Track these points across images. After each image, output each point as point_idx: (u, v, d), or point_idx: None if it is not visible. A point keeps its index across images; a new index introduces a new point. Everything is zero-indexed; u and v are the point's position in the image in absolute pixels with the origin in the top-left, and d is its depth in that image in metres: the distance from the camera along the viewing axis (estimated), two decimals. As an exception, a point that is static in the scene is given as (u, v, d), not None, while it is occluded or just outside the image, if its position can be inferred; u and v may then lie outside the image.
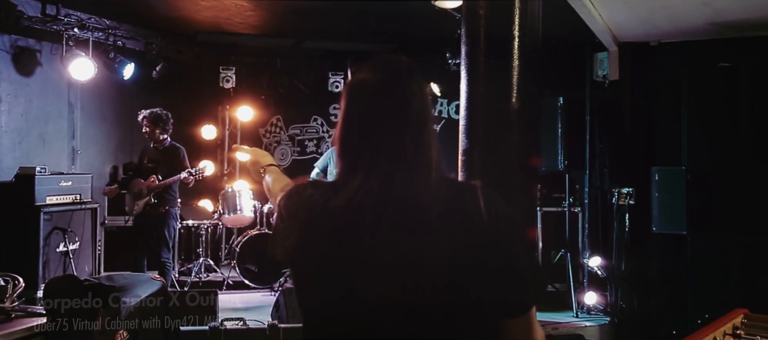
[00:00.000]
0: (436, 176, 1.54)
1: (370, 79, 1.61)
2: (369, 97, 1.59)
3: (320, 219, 1.51)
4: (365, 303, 1.47)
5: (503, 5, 3.32)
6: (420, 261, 1.45)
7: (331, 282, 1.50)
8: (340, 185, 1.54)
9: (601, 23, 5.77)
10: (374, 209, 1.47)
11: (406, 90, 1.59)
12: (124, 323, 3.01)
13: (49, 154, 7.30)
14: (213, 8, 6.67)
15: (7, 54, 6.81)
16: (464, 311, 1.47)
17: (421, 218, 1.47)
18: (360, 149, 1.56)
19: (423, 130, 1.56)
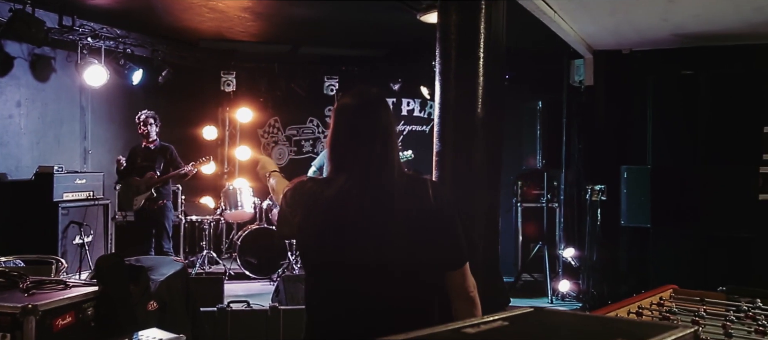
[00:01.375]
0: (398, 172, 2.17)
1: (351, 104, 2.24)
2: (349, 117, 2.22)
3: (318, 204, 2.13)
4: (350, 262, 2.09)
5: (472, 26, 3.87)
6: (387, 232, 2.09)
7: (326, 248, 2.12)
8: (331, 180, 2.17)
9: (573, 35, 6.31)
10: (356, 197, 2.10)
11: (376, 113, 2.22)
12: (153, 296, 3.56)
13: (63, 154, 7.83)
14: (216, 19, 7.20)
15: (25, 61, 7.34)
16: (418, 265, 2.12)
17: (388, 203, 2.11)
18: (344, 155, 2.18)
19: (388, 141, 2.19)
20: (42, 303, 2.97)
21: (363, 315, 2.12)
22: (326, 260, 2.14)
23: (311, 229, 2.14)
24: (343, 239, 2.11)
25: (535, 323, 1.86)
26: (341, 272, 2.12)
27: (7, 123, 7.23)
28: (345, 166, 2.15)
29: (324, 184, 2.17)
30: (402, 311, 2.11)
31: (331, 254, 2.13)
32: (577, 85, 7.51)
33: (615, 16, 5.70)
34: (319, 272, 2.19)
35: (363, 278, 2.09)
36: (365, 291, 2.10)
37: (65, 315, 3.07)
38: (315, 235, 2.15)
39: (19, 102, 7.34)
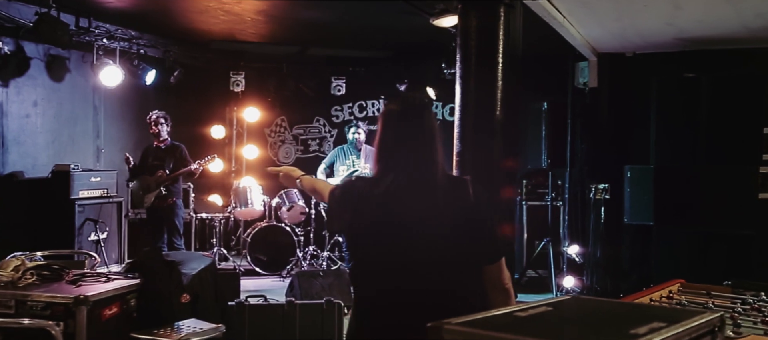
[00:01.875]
0: (441, 173, 2.37)
1: (396, 109, 2.44)
2: (395, 121, 2.40)
3: (367, 202, 2.33)
4: (397, 256, 2.28)
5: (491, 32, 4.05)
6: (431, 228, 2.28)
7: (374, 243, 2.31)
8: (379, 180, 2.36)
9: (579, 38, 6.51)
10: (402, 196, 2.30)
11: (420, 117, 2.40)
12: (186, 289, 3.73)
13: (77, 153, 7.98)
14: (230, 21, 7.37)
15: (41, 62, 7.49)
16: (459, 259, 2.31)
17: (432, 201, 2.31)
18: (390, 156, 2.38)
19: (431, 143, 2.39)
20: (92, 294, 3.14)
21: (408, 305, 2.30)
22: (374, 254, 2.33)
23: (361, 225, 2.34)
24: (391, 235, 2.29)
25: (575, 308, 2.05)
26: (388, 266, 2.30)
27: (25, 122, 7.37)
28: (391, 166, 2.34)
29: (372, 183, 2.36)
30: (445, 301, 2.29)
31: (379, 249, 2.31)
32: (582, 86, 7.71)
33: (621, 22, 5.89)
34: (367, 265, 2.37)
35: (409, 270, 2.28)
36: (411, 283, 2.29)
37: (111, 306, 3.25)
38: (364, 231, 2.34)
39: (35, 102, 7.49)
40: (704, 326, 1.79)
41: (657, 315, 1.87)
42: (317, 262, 8.59)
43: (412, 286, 2.29)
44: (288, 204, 8.68)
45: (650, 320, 1.74)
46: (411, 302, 2.31)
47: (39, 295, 3.15)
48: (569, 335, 1.60)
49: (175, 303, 3.78)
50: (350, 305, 6.37)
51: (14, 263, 3.39)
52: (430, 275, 2.27)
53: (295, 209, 8.70)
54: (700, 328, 1.77)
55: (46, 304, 3.10)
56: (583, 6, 5.20)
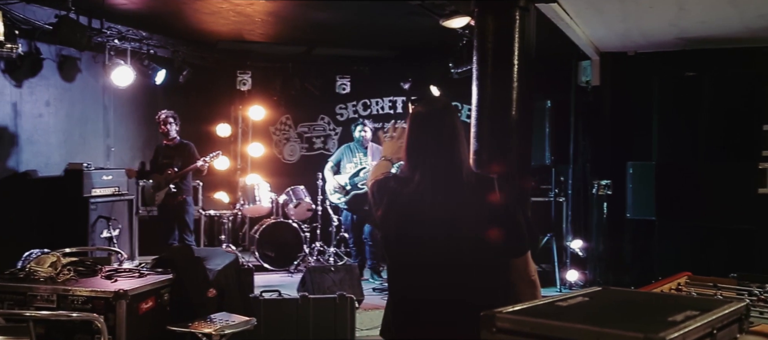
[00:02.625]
0: (466, 171, 2.51)
1: (421, 112, 2.58)
2: (421, 123, 2.54)
3: (399, 199, 2.48)
4: (427, 250, 2.42)
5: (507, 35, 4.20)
6: (458, 223, 2.41)
7: (405, 238, 2.45)
8: (408, 179, 2.51)
9: (584, 38, 6.67)
10: (430, 194, 2.43)
11: (443, 119, 2.54)
12: (213, 284, 3.87)
13: (88, 152, 8.08)
14: (240, 22, 7.49)
15: (54, 62, 7.59)
16: (486, 251, 2.43)
17: (458, 198, 2.44)
18: (418, 157, 2.51)
19: (455, 143, 2.52)
20: (131, 288, 3.28)
21: (439, 297, 2.45)
22: (406, 249, 2.47)
23: (393, 221, 2.49)
24: (419, 232, 2.43)
25: (609, 298, 2.20)
26: (419, 260, 2.45)
27: (38, 122, 7.47)
28: (419, 166, 2.48)
29: (402, 182, 2.51)
30: (473, 295, 2.43)
31: (410, 244, 2.46)
32: (585, 85, 7.88)
33: (627, 23, 6.06)
34: (399, 259, 2.52)
35: (438, 264, 2.42)
36: (440, 276, 2.43)
37: (148, 300, 3.38)
38: (396, 226, 2.48)
39: (48, 101, 7.59)
40: (733, 314, 1.94)
41: (688, 304, 2.01)
42: (324, 258, 8.74)
43: (441, 281, 2.43)
44: (295, 201, 8.83)
45: (684, 309, 1.88)
46: (440, 297, 2.45)
47: (79, 289, 3.28)
48: (612, 321, 1.74)
49: (203, 298, 3.91)
50: (361, 299, 6.55)
51: (51, 259, 3.52)
52: (458, 271, 2.40)
53: (302, 206, 8.85)
54: (731, 316, 1.93)
55: (87, 298, 3.23)
56: (591, 8, 5.36)
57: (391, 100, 9.93)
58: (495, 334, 1.74)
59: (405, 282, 2.53)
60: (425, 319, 2.44)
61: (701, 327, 1.72)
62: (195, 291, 3.57)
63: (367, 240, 8.06)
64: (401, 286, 2.56)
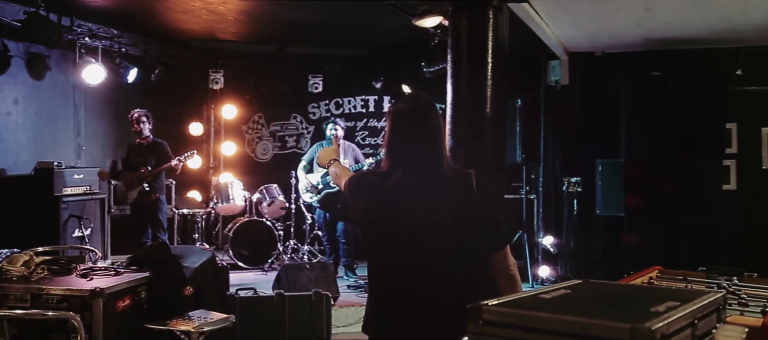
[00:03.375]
0: (446, 166, 2.55)
1: (403, 108, 2.63)
2: (403, 119, 2.59)
3: (379, 194, 2.51)
4: (407, 243, 2.46)
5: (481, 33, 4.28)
6: (438, 218, 2.46)
7: (387, 230, 2.49)
8: (389, 174, 2.54)
9: (553, 38, 6.79)
10: (411, 188, 2.48)
11: (426, 115, 2.59)
12: (189, 281, 3.87)
13: (59, 150, 7.99)
14: (212, 20, 7.47)
15: (22, 60, 7.49)
16: (465, 247, 2.48)
17: (437, 193, 2.49)
18: (399, 152, 2.56)
19: (436, 139, 2.57)
20: (107, 286, 3.27)
21: (418, 288, 2.51)
22: (386, 242, 2.51)
23: (373, 215, 2.52)
24: (401, 224, 2.47)
25: (591, 290, 2.26)
26: (399, 252, 2.49)
27: (6, 120, 7.37)
28: (400, 162, 2.52)
29: (383, 177, 2.54)
30: (453, 288, 2.50)
31: (390, 239, 2.50)
32: (554, 84, 8.02)
33: (596, 23, 6.19)
34: (380, 252, 2.56)
35: (418, 256, 2.46)
36: (420, 268, 2.47)
37: (125, 298, 3.38)
38: (377, 220, 2.52)
39: (16, 99, 7.48)
40: (712, 304, 2.01)
41: (668, 296, 2.07)
42: (298, 255, 8.76)
43: (421, 275, 2.47)
44: (268, 199, 8.83)
45: (665, 300, 1.93)
46: (417, 286, 2.50)
47: (54, 288, 3.26)
48: (598, 312, 1.76)
49: (181, 295, 3.91)
50: (336, 296, 6.59)
51: (23, 258, 3.50)
52: (438, 266, 2.45)
53: (275, 204, 8.85)
54: (709, 306, 2.00)
55: (63, 297, 3.21)
56: (561, 9, 5.47)
57: (364, 99, 9.98)
58: (482, 326, 1.76)
59: (385, 277, 2.57)
60: (405, 313, 2.48)
61: (684, 317, 1.76)
62: (172, 289, 3.58)
63: (340, 238, 8.10)
64: (381, 280, 2.60)
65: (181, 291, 3.96)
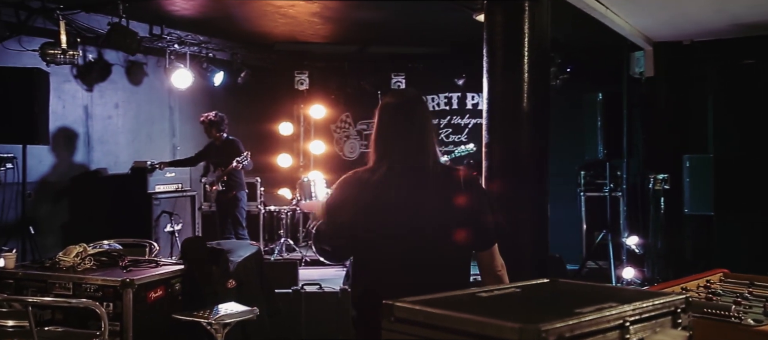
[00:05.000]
0: (433, 162, 2.54)
1: (391, 103, 2.63)
2: (390, 115, 2.59)
3: (366, 189, 2.52)
4: (392, 236, 2.46)
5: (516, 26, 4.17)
6: (424, 213, 2.45)
7: (373, 224, 2.49)
8: (375, 169, 2.56)
9: (629, 28, 6.46)
10: (396, 182, 2.48)
11: (413, 110, 2.59)
12: (232, 275, 4.07)
13: (155, 150, 8.58)
14: (289, 23, 7.74)
15: (122, 68, 8.12)
16: (451, 243, 2.46)
17: (424, 187, 2.48)
18: (386, 146, 2.57)
19: (423, 134, 2.56)
20: (138, 278, 3.51)
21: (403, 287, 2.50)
22: (372, 234, 2.52)
23: (360, 207, 2.53)
24: (387, 217, 2.48)
25: (542, 291, 2.19)
26: (384, 244, 2.49)
27: (107, 123, 8.01)
28: (385, 157, 2.53)
29: (370, 171, 2.56)
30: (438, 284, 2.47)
31: (376, 229, 2.50)
32: (638, 76, 7.62)
33: (668, 10, 5.83)
34: (364, 243, 2.55)
35: (402, 249, 2.46)
36: (403, 260, 2.47)
37: (157, 289, 3.61)
38: (363, 212, 2.52)
39: (117, 104, 8.12)
40: (662, 306, 1.89)
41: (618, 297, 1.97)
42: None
43: (406, 272, 2.46)
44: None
45: (606, 301, 1.86)
46: (405, 288, 2.50)
47: (93, 278, 3.56)
48: (515, 313, 1.73)
49: (221, 289, 4.11)
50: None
51: (77, 249, 3.82)
52: (423, 262, 2.44)
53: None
54: (657, 308, 1.88)
55: (99, 287, 3.49)
56: (624, -4, 5.21)
57: (447, 97, 9.94)
58: (393, 323, 1.78)
59: (370, 273, 2.58)
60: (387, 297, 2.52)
61: (606, 319, 1.69)
62: (205, 282, 3.77)
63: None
64: (366, 276, 2.61)
65: (224, 284, 4.15)
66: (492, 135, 4.23)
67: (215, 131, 7.77)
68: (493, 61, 4.22)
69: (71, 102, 7.57)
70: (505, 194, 4.17)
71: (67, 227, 7.42)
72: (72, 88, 7.58)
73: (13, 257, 3.86)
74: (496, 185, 4.18)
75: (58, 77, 7.22)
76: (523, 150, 4.16)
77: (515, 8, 4.14)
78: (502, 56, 4.19)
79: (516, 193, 4.14)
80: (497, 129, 4.22)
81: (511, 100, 4.18)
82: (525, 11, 4.12)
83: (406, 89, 2.53)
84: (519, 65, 4.15)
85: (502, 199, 4.22)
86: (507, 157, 4.19)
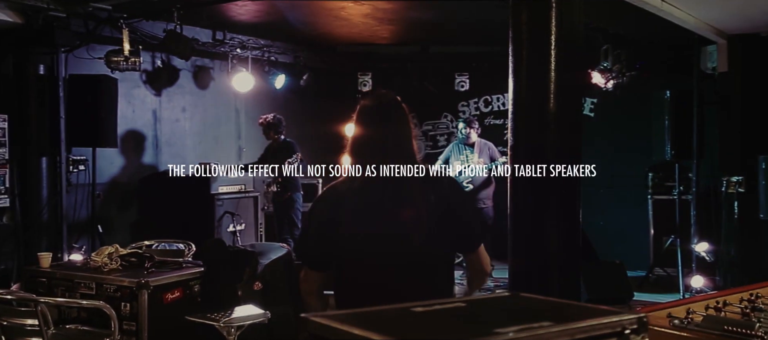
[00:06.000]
0: (412, 165, 2.48)
1: (365, 107, 2.59)
2: (367, 118, 2.55)
3: (348, 196, 2.50)
4: (376, 239, 2.43)
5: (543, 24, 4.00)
6: (402, 217, 2.42)
7: (356, 230, 2.45)
8: (353, 178, 2.53)
9: (694, 22, 6.07)
10: (376, 187, 2.44)
11: (389, 113, 2.53)
12: (258, 277, 4.13)
13: (222, 152, 8.86)
14: (346, 25, 7.79)
15: (189, 72, 8.43)
16: (435, 247, 2.43)
17: (404, 192, 2.44)
18: (364, 152, 2.53)
19: (401, 137, 2.52)
20: (154, 280, 3.62)
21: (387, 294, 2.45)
22: (354, 240, 2.48)
23: (343, 216, 2.49)
24: (367, 224, 2.45)
25: (488, 306, 2.08)
26: (367, 250, 2.46)
27: (174, 126, 8.35)
28: (366, 161, 2.49)
29: (348, 181, 2.53)
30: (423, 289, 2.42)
31: (358, 235, 2.46)
32: (710, 71, 7.15)
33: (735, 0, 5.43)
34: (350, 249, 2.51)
35: (384, 256, 2.43)
36: (388, 273, 2.44)
37: (174, 290, 3.71)
38: (347, 221, 2.49)
39: (184, 108, 8.44)
40: (602, 327, 1.76)
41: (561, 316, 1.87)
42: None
43: (390, 277, 2.45)
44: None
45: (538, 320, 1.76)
46: (389, 290, 2.45)
47: (113, 279, 3.70)
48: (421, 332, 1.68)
49: (248, 290, 4.18)
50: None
51: (109, 250, 3.99)
52: (406, 267, 2.41)
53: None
54: (596, 329, 1.75)
55: (118, 287, 3.63)
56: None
57: (512, 96, 9.69)
58: (307, 338, 1.75)
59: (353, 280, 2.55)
60: None
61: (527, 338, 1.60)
62: (224, 283, 3.84)
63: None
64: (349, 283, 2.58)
65: (251, 286, 4.22)
66: (516, 138, 4.08)
67: (273, 133, 7.94)
68: (518, 61, 4.07)
69: (140, 106, 7.94)
70: (530, 199, 4.02)
71: (133, 226, 7.80)
72: (141, 93, 7.95)
73: (49, 257, 4.08)
74: (522, 189, 4.04)
75: (128, 83, 7.61)
76: (549, 154, 3.98)
77: (542, 6, 3.96)
78: (527, 57, 4.03)
79: (542, 198, 3.97)
80: (522, 132, 4.06)
81: (537, 102, 4.01)
82: (552, 7, 3.94)
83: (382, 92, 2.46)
84: (545, 65, 3.98)
85: (528, 204, 4.08)
86: (532, 161, 4.02)
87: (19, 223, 6.73)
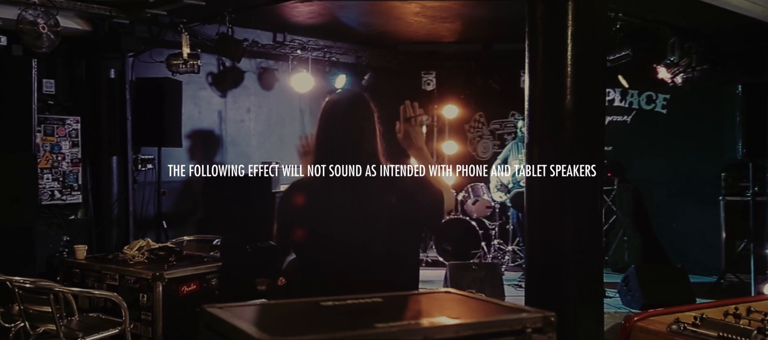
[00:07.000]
0: (376, 161, 2.50)
1: (329, 103, 2.62)
2: (330, 116, 2.58)
3: (308, 197, 2.53)
4: (333, 238, 2.45)
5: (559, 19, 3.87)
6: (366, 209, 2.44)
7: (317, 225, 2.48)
8: (315, 176, 2.54)
9: (761, 11, 5.66)
10: (338, 184, 2.47)
11: (351, 111, 2.55)
12: (282, 273, 4.22)
13: (286, 152, 9.08)
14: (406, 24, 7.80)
15: (254, 74, 8.72)
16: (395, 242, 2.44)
17: (364, 188, 2.45)
18: (326, 149, 2.55)
19: (362, 135, 2.52)
20: (169, 272, 3.79)
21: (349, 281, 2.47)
22: (314, 237, 2.51)
23: (306, 213, 2.53)
24: (332, 218, 2.47)
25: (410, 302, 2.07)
26: (330, 258, 2.49)
27: (240, 126, 8.65)
28: (325, 159, 2.51)
29: (310, 179, 2.56)
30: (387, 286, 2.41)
31: (320, 242, 2.49)
32: (786, 64, 6.63)
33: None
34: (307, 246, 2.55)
35: (338, 260, 2.46)
36: (353, 272, 2.46)
37: (190, 283, 3.86)
38: (308, 217, 2.53)
39: (249, 108, 8.74)
40: (500, 324, 1.72)
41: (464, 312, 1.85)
42: (502, 256, 8.63)
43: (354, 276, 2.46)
44: (473, 197, 8.86)
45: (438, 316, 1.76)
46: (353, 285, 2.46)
47: (135, 271, 3.90)
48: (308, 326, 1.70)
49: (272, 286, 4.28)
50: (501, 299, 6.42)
51: (140, 244, 4.21)
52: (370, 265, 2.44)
53: (480, 203, 8.86)
54: (493, 326, 1.71)
55: (136, 279, 3.82)
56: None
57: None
58: (203, 329, 1.81)
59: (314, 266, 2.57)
60: None
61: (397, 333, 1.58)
62: (238, 277, 3.96)
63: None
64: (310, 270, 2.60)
65: (275, 281, 4.32)
66: (532, 136, 3.96)
67: None
68: (534, 56, 3.96)
69: (206, 107, 8.29)
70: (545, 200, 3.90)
71: (197, 223, 8.14)
72: (207, 94, 8.30)
73: (84, 249, 4.36)
74: (536, 189, 3.92)
75: (194, 85, 7.97)
76: (565, 153, 3.84)
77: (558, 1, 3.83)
78: (543, 52, 3.91)
79: (556, 198, 3.84)
80: (537, 129, 3.94)
81: (552, 98, 3.89)
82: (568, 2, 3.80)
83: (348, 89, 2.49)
84: (561, 60, 3.85)
85: (544, 206, 3.96)
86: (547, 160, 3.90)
87: (91, 217, 7.20)
